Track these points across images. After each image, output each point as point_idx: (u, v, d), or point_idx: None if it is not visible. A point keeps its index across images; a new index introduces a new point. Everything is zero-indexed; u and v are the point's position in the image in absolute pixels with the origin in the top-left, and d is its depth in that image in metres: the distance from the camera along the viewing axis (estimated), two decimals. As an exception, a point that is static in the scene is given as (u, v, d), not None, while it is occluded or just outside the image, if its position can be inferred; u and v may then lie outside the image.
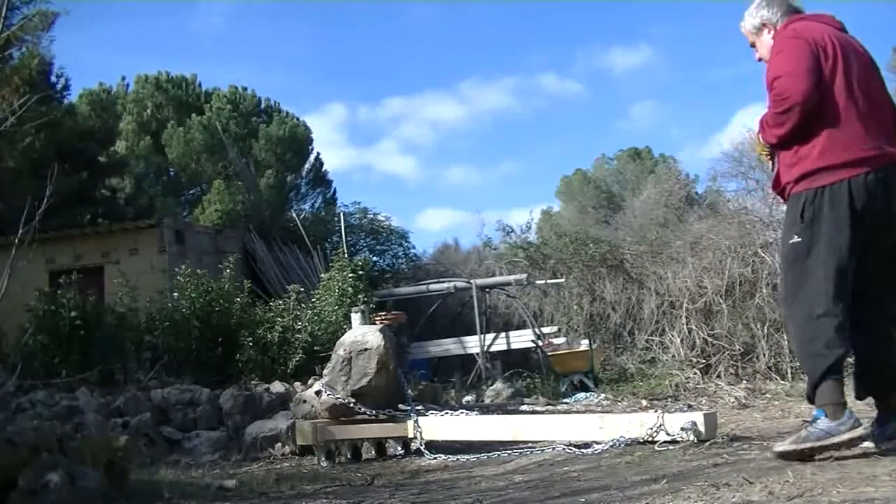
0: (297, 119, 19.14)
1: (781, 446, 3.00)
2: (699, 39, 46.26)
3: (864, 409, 3.32)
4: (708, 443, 3.72)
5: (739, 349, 8.87)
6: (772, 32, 3.31)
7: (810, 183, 3.00)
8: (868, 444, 2.98)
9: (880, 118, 3.08)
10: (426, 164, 51.14)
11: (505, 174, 48.79)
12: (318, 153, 19.55)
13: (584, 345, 9.34)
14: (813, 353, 2.93)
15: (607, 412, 6.40)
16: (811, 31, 3.14)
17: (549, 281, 11.39)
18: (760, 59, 3.39)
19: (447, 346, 11.22)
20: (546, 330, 10.64)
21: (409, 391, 5.17)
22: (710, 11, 45.27)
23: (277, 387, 6.20)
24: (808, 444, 2.89)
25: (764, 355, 8.62)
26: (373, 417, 4.69)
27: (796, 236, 3.02)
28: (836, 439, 2.84)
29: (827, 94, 3.01)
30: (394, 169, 50.24)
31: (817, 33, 3.12)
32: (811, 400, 3.00)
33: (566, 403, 7.84)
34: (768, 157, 3.28)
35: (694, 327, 9.06)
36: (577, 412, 6.70)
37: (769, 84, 3.11)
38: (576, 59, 49.85)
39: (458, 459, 4.28)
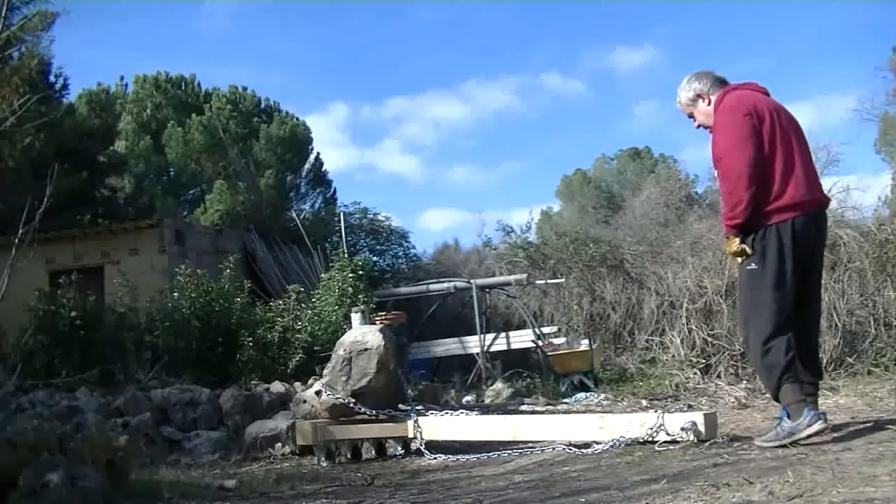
0: (297, 119, 19.15)
1: (758, 441, 3.55)
2: (704, 39, 46.20)
3: (864, 409, 3.32)
4: (708, 443, 3.73)
5: (739, 349, 8.85)
6: (706, 101, 3.86)
7: (764, 219, 3.57)
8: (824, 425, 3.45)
9: (810, 167, 3.73)
10: (429, 164, 51.15)
11: (507, 174, 48.82)
12: (318, 153, 19.57)
13: (584, 345, 9.34)
14: (768, 364, 3.53)
15: (607, 412, 6.40)
16: (746, 102, 3.67)
17: (549, 281, 11.39)
18: (700, 126, 3.95)
19: (447, 346, 11.22)
20: (546, 330, 10.64)
21: (409, 391, 5.17)
22: (715, 11, 45.32)
23: (277, 387, 6.20)
24: (777, 442, 3.44)
25: (764, 355, 8.61)
26: (373, 417, 4.69)
27: (753, 264, 3.61)
28: (799, 436, 3.39)
29: (770, 153, 3.57)
30: (396, 169, 50.25)
31: (751, 102, 3.67)
32: (777, 400, 3.60)
33: (566, 403, 7.84)
34: (744, 251, 3.67)
35: (694, 327, 9.04)
36: (577, 412, 6.69)
37: (715, 163, 3.69)
38: (580, 59, 49.86)
39: (458, 459, 4.28)
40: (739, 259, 3.74)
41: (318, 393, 4.87)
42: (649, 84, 47.92)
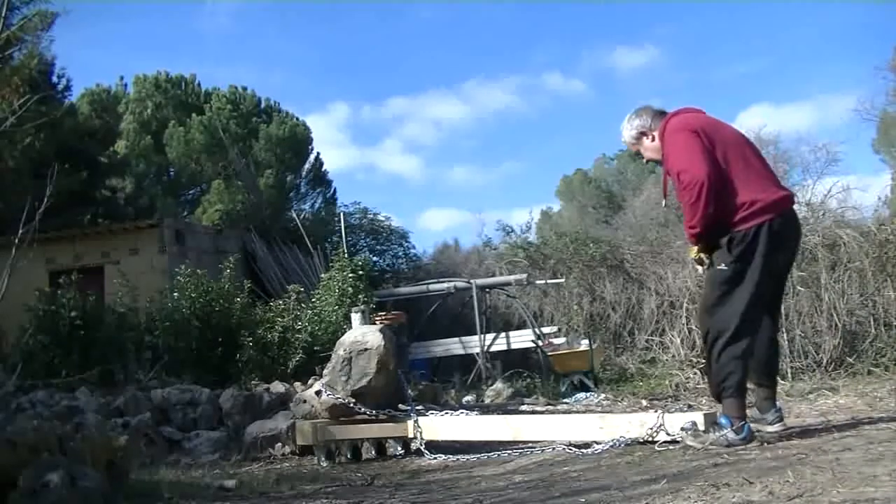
0: (297, 119, 19.16)
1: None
2: (704, 39, 46.23)
3: (864, 409, 3.34)
4: (708, 442, 3.72)
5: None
6: (650, 137, 3.93)
7: (738, 226, 3.60)
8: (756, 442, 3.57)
9: (768, 170, 3.83)
10: (429, 164, 51.15)
11: (507, 174, 48.83)
12: (318, 153, 19.58)
13: (584, 345, 9.34)
14: (722, 366, 3.58)
15: (607, 412, 6.40)
16: (691, 122, 3.74)
17: (549, 281, 11.39)
18: (649, 161, 4.09)
19: (447, 346, 11.22)
20: (546, 330, 10.64)
21: (409, 391, 5.17)
22: (716, 11, 45.30)
23: (277, 387, 6.20)
24: (714, 448, 3.51)
25: (764, 355, 8.62)
26: (373, 417, 4.68)
27: (723, 265, 3.63)
28: (734, 448, 3.47)
29: (726, 166, 3.63)
30: (397, 169, 50.27)
31: (695, 123, 3.74)
32: (719, 400, 3.68)
33: (566, 403, 7.84)
34: (701, 260, 3.79)
35: (694, 327, 9.04)
36: (577, 412, 6.69)
37: (675, 179, 3.71)
38: (581, 59, 49.86)
39: (458, 459, 4.28)
40: (699, 267, 3.89)
41: (318, 393, 4.86)
42: (650, 84, 47.92)
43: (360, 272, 10.02)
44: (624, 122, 4.05)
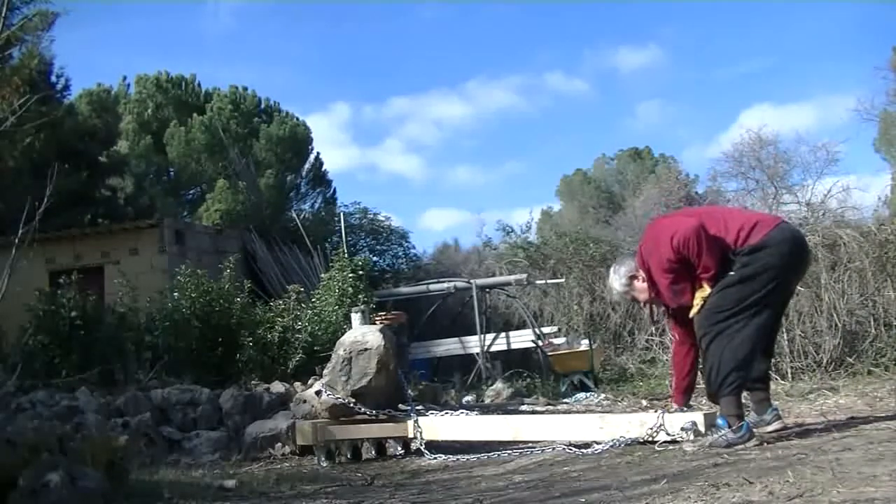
0: (297, 119, 19.16)
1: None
2: (707, 39, 46.17)
3: (864, 409, 3.34)
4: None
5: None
6: (639, 277, 4.04)
7: (745, 242, 3.76)
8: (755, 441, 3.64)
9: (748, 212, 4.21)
10: (431, 164, 51.13)
11: (509, 174, 48.80)
12: (318, 153, 19.57)
13: (584, 345, 9.33)
14: (727, 369, 3.66)
15: (607, 412, 6.40)
16: (659, 222, 4.19)
17: (549, 281, 11.39)
18: (646, 304, 4.31)
19: (447, 346, 11.21)
20: (546, 330, 10.64)
21: (409, 391, 5.17)
22: (719, 11, 45.26)
23: (277, 387, 6.19)
24: (714, 449, 3.56)
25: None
26: (373, 417, 4.68)
27: (732, 272, 3.75)
28: (735, 448, 3.54)
29: (710, 220, 3.85)
30: (398, 168, 50.26)
31: (676, 218, 4.22)
32: (715, 401, 3.81)
33: (566, 403, 7.84)
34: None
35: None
36: (577, 412, 6.69)
37: (672, 246, 3.76)
38: (583, 58, 49.82)
39: (458, 459, 4.28)
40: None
41: (318, 393, 4.87)
42: (652, 84, 47.92)
43: (360, 272, 10.01)
44: (610, 278, 4.22)
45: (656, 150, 28.48)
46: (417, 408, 4.86)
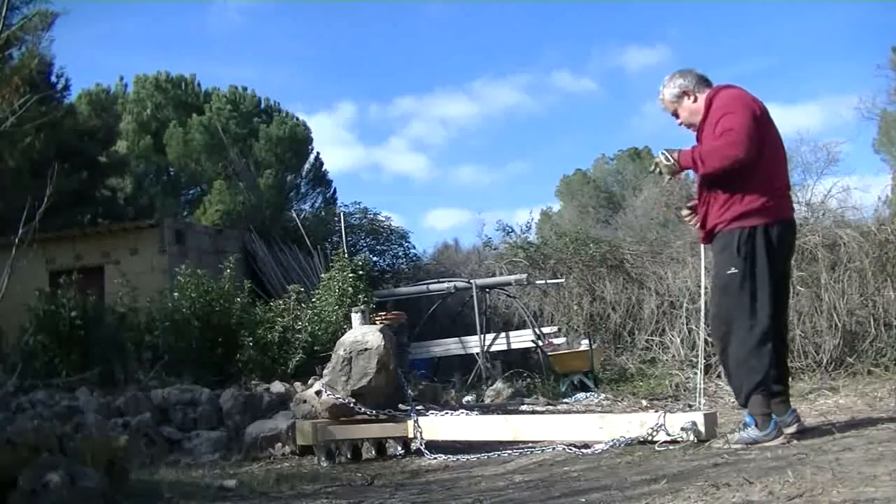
0: (297, 119, 19.17)
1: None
2: (714, 38, 46.05)
3: (864, 409, 3.35)
4: (708, 443, 3.73)
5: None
6: (692, 97, 3.84)
7: (742, 223, 3.62)
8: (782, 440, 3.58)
9: (788, 179, 3.94)
10: (436, 163, 51.03)
11: (513, 174, 48.72)
12: (318, 153, 19.58)
13: (584, 345, 9.33)
14: (749, 369, 3.59)
15: (607, 412, 6.40)
16: (748, 99, 3.72)
17: (549, 281, 11.38)
18: (682, 124, 3.94)
19: (447, 346, 11.21)
20: (546, 330, 10.63)
21: (409, 391, 5.17)
22: (728, 11, 45.20)
23: (277, 387, 6.20)
24: (740, 445, 3.55)
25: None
26: (373, 417, 4.69)
27: (734, 268, 3.63)
28: (762, 445, 3.50)
29: (760, 155, 3.59)
30: (403, 168, 50.19)
31: (752, 101, 3.71)
32: (744, 406, 3.70)
33: (566, 403, 7.84)
34: (669, 172, 3.85)
35: (694, 327, 9.04)
36: (577, 412, 6.69)
37: (719, 131, 3.61)
38: (591, 57, 49.71)
39: (458, 459, 4.28)
40: (655, 169, 3.88)
41: (318, 393, 4.86)
42: (659, 83, 47.71)
43: (361, 272, 10.01)
44: (665, 80, 3.95)
45: (656, 150, 28.47)
46: (417, 408, 4.86)
